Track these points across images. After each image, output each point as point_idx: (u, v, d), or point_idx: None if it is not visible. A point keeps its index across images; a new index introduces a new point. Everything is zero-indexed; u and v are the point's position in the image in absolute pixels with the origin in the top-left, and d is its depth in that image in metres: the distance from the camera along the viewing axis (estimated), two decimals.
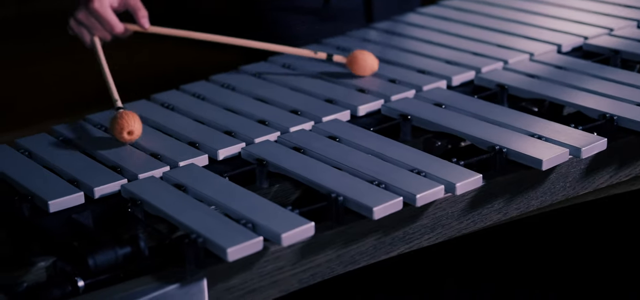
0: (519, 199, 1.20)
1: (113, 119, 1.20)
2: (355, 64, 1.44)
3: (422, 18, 1.75)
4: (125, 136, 1.19)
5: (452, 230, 1.16)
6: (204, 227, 0.99)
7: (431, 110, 1.32)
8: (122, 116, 1.19)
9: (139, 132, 1.20)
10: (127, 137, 1.19)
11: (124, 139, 1.19)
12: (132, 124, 1.19)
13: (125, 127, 1.18)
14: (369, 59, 1.44)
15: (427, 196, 1.07)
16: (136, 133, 1.19)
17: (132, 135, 1.19)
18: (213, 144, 1.21)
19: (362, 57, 1.44)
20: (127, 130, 1.19)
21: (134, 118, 1.20)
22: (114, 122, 1.19)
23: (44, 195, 1.07)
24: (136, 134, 1.20)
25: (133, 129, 1.19)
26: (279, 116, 1.30)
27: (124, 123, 1.19)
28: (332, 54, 1.47)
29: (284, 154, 1.18)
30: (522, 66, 1.48)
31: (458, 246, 1.44)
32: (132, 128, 1.19)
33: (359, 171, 1.12)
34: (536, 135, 1.22)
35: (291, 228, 0.99)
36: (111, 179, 1.11)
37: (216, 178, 1.12)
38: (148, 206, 1.06)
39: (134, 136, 1.20)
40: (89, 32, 1.42)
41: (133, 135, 1.19)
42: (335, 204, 1.06)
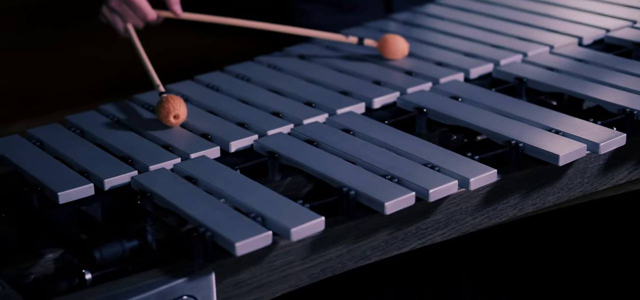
0: (535, 194, 1.18)
1: (159, 103, 1.21)
2: (386, 47, 1.45)
3: (441, 9, 1.73)
4: (172, 120, 1.20)
5: (466, 225, 1.14)
6: (212, 221, 0.98)
7: (447, 104, 1.30)
8: (167, 100, 1.20)
9: (185, 115, 1.21)
10: (174, 121, 1.21)
11: (170, 123, 1.21)
12: (178, 108, 1.20)
13: (172, 110, 1.20)
14: (400, 42, 1.45)
15: (440, 191, 1.06)
16: (182, 117, 1.21)
17: (178, 119, 1.21)
18: (225, 135, 1.20)
19: (393, 41, 1.45)
20: (173, 114, 1.20)
21: (180, 102, 1.21)
22: (160, 106, 1.21)
23: (53, 186, 1.06)
24: (182, 117, 1.21)
25: (179, 113, 1.20)
26: (292, 108, 1.29)
27: (170, 107, 1.20)
28: (363, 37, 1.47)
29: (296, 147, 1.17)
30: (542, 59, 1.45)
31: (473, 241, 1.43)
32: (178, 112, 1.20)
33: (371, 165, 1.11)
34: (553, 129, 1.19)
35: (301, 223, 0.98)
36: (122, 170, 1.10)
37: (227, 170, 1.11)
38: (158, 198, 1.05)
39: (180, 120, 1.21)
40: (122, 19, 1.43)
41: (179, 118, 1.21)
42: (347, 198, 1.04)
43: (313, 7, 1.72)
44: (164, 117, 1.21)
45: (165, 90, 1.26)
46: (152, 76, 1.29)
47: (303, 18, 1.72)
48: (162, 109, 1.20)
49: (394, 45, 1.45)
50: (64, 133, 1.23)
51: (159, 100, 1.22)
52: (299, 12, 1.73)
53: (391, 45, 1.45)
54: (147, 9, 1.41)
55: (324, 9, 1.72)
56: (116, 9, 1.42)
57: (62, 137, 1.21)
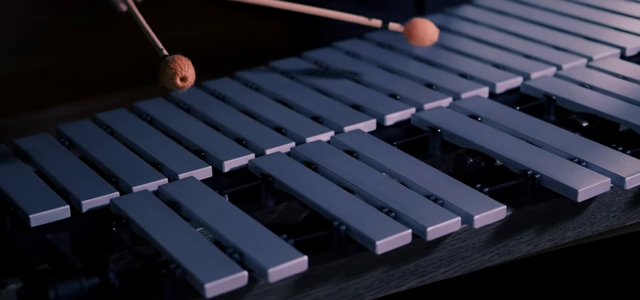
0: (553, 229, 1.08)
1: (163, 65, 1.06)
2: (413, 32, 1.32)
3: (477, 12, 1.62)
4: (178, 83, 1.05)
5: (474, 262, 1.05)
6: (186, 256, 0.90)
7: (465, 123, 1.20)
8: (174, 60, 1.05)
9: (193, 78, 1.06)
10: (180, 84, 1.05)
11: (176, 87, 1.06)
12: (186, 69, 1.05)
13: (178, 71, 1.05)
14: (429, 28, 1.32)
15: (439, 229, 0.97)
16: (190, 79, 1.06)
17: (186, 82, 1.06)
18: (220, 153, 1.12)
19: (422, 26, 1.32)
20: (180, 75, 1.05)
21: (188, 63, 1.06)
22: (165, 67, 1.05)
23: (26, 207, 1.00)
24: (190, 80, 1.06)
25: (187, 74, 1.05)
26: (298, 123, 1.20)
27: (176, 67, 1.05)
28: (388, 21, 1.35)
29: (293, 170, 1.08)
30: (577, 73, 1.34)
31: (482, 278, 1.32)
32: (186, 73, 1.05)
33: (370, 195, 1.02)
34: (576, 159, 1.09)
35: (281, 262, 0.90)
36: (103, 190, 1.04)
37: (214, 196, 1.03)
38: (134, 225, 0.98)
39: (187, 83, 1.06)
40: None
41: (186, 81, 1.06)
42: (337, 233, 0.96)
43: (341, 5, 1.63)
44: (169, 79, 1.05)
45: (168, 55, 1.09)
46: (155, 41, 1.14)
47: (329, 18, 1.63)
48: (168, 70, 1.05)
49: (422, 30, 1.32)
50: (52, 144, 1.17)
51: (162, 62, 1.07)
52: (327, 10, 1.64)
53: (420, 30, 1.32)
54: None
55: (352, 7, 1.62)
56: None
57: (49, 150, 1.15)
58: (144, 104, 1.27)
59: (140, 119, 1.24)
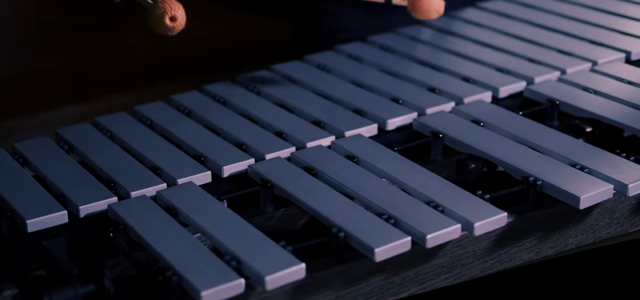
0: (554, 236, 1.07)
1: (151, 7, 1.02)
2: (417, 4, 1.27)
3: (480, 14, 1.61)
4: (167, 23, 1.02)
5: (475, 269, 1.04)
6: (182, 263, 0.90)
7: (467, 129, 1.19)
8: (163, 0, 1.01)
9: (183, 21, 1.02)
10: (170, 24, 1.02)
11: (165, 29, 1.02)
12: (176, 9, 1.01)
13: (168, 11, 1.01)
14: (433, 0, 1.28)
15: (439, 236, 0.96)
16: (179, 20, 1.02)
17: (175, 22, 1.02)
18: (219, 158, 1.11)
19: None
20: (169, 14, 1.01)
21: (178, 5, 1.02)
22: (153, 8, 1.01)
23: (23, 212, 0.99)
24: (180, 21, 1.02)
25: (176, 14, 1.02)
26: (299, 128, 1.19)
27: (165, 6, 1.01)
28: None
29: (292, 176, 1.08)
30: (581, 78, 1.33)
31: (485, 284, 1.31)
32: (175, 13, 1.01)
33: (369, 201, 1.01)
34: (578, 165, 1.08)
35: (279, 269, 0.89)
36: (101, 196, 1.03)
37: (212, 202, 1.02)
38: (132, 231, 0.97)
39: (177, 23, 1.02)
40: None
41: (176, 21, 1.02)
42: (336, 239, 0.95)
43: (340, 8, 1.62)
44: (158, 19, 1.01)
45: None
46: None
47: (330, 20, 1.63)
48: (156, 10, 1.00)
49: (427, 2, 1.27)
50: (50, 148, 1.16)
51: (150, 5, 1.02)
52: (327, 13, 1.64)
53: (424, 2, 1.26)
54: None
55: (353, 10, 1.62)
56: None
57: (48, 154, 1.14)
58: (144, 108, 1.27)
59: (141, 123, 1.23)
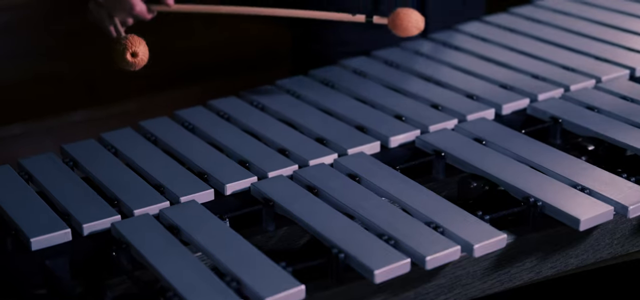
0: (555, 257, 1.07)
1: (115, 42, 1.06)
2: (397, 22, 1.31)
3: (483, 28, 1.62)
4: (129, 58, 1.06)
5: (475, 290, 1.04)
6: (183, 284, 0.91)
7: (469, 147, 1.19)
8: (126, 38, 1.06)
9: (145, 57, 1.07)
10: (131, 59, 1.06)
11: (127, 65, 1.06)
12: (137, 45, 1.06)
13: (129, 47, 1.06)
14: (413, 15, 1.31)
15: (439, 259, 0.96)
16: (141, 56, 1.06)
17: (136, 58, 1.06)
18: (222, 176, 1.12)
19: (405, 15, 1.31)
20: (130, 50, 1.06)
21: (140, 40, 1.06)
22: (116, 45, 1.06)
23: (27, 230, 1.00)
24: (140, 57, 1.06)
25: (137, 50, 1.06)
26: (302, 145, 1.20)
27: (127, 43, 1.06)
28: (372, 16, 1.34)
29: (294, 195, 1.08)
30: (584, 95, 1.33)
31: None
32: (136, 49, 1.06)
33: (370, 221, 1.02)
34: (579, 186, 1.08)
35: (278, 291, 0.90)
36: (105, 214, 1.04)
37: (214, 221, 1.03)
38: (134, 250, 0.98)
39: (138, 59, 1.07)
40: (109, 14, 1.30)
41: (137, 57, 1.06)
42: (336, 261, 0.96)
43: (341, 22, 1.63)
44: (120, 56, 1.05)
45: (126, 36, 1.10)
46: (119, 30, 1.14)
47: (330, 35, 1.63)
48: (118, 46, 1.05)
49: (406, 19, 1.30)
50: (55, 165, 1.17)
51: (114, 41, 1.06)
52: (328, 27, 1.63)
53: (403, 19, 1.30)
54: (135, 0, 1.27)
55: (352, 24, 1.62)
56: (103, 3, 1.30)
57: (52, 170, 1.15)
58: (149, 123, 1.28)
59: (145, 139, 1.24)
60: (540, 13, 1.67)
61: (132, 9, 1.28)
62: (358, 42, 1.57)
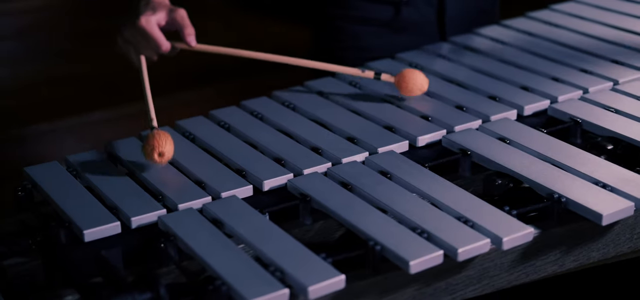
0: (578, 250, 1.13)
1: (145, 138, 1.16)
2: (403, 83, 1.37)
3: (501, 31, 1.67)
4: (156, 158, 1.15)
5: (502, 281, 1.10)
6: (230, 273, 0.96)
7: (494, 146, 1.25)
8: (154, 136, 1.15)
9: (170, 153, 1.16)
10: (158, 159, 1.15)
11: (154, 161, 1.15)
12: (163, 145, 1.14)
13: (156, 147, 1.15)
14: (418, 78, 1.37)
15: (470, 251, 1.02)
16: (167, 155, 1.15)
17: (163, 158, 1.16)
18: (260, 172, 1.18)
19: (410, 77, 1.37)
20: (158, 151, 1.15)
21: (166, 139, 1.16)
22: (145, 142, 1.16)
23: (80, 223, 1.06)
24: (167, 156, 1.15)
25: (164, 151, 1.15)
26: (334, 144, 1.26)
27: (155, 143, 1.15)
28: (381, 71, 1.41)
29: (329, 191, 1.14)
30: (602, 97, 1.39)
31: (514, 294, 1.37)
32: (163, 149, 1.15)
33: (403, 216, 1.07)
34: (601, 183, 1.14)
35: (320, 280, 0.95)
36: (151, 208, 1.10)
37: (255, 215, 1.09)
38: (181, 242, 1.04)
39: (164, 158, 1.16)
40: (136, 50, 1.38)
41: (163, 157, 1.15)
42: (373, 253, 1.01)
43: (363, 28, 1.68)
44: (147, 153, 1.16)
45: (157, 127, 1.21)
46: (150, 111, 1.25)
47: (354, 40, 1.68)
48: (146, 145, 1.15)
49: (411, 81, 1.37)
50: (100, 162, 1.23)
51: (145, 136, 1.17)
52: (349, 34, 1.69)
53: (408, 81, 1.37)
54: (161, 40, 1.36)
55: (375, 30, 1.68)
56: (130, 40, 1.38)
57: (98, 167, 1.21)
58: (186, 123, 1.34)
59: (183, 138, 1.30)
60: (557, 17, 1.73)
61: (159, 48, 1.37)
62: (380, 49, 1.63)
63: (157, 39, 1.35)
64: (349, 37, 1.68)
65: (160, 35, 1.36)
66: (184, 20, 1.38)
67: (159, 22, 1.37)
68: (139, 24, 1.35)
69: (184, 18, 1.38)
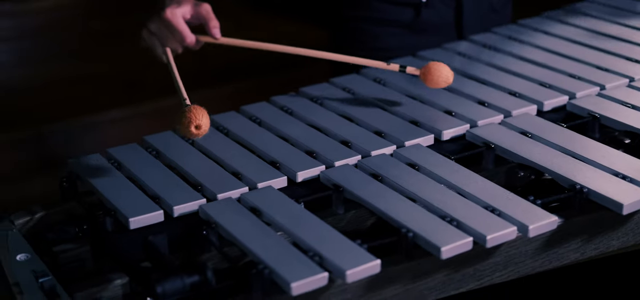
0: (598, 239, 1.18)
1: (180, 113, 1.17)
2: (428, 75, 1.39)
3: (519, 30, 1.72)
4: (193, 130, 1.16)
5: (526, 267, 1.15)
6: (271, 258, 1.01)
7: (516, 140, 1.30)
8: (190, 110, 1.16)
9: (207, 126, 1.16)
10: (195, 132, 1.16)
11: (191, 135, 1.16)
12: (200, 118, 1.15)
13: (193, 120, 1.15)
14: (443, 71, 1.39)
15: (498, 238, 1.07)
16: (204, 128, 1.16)
17: (200, 130, 1.16)
18: (293, 165, 1.23)
19: (436, 69, 1.39)
20: (194, 123, 1.15)
21: (202, 112, 1.16)
22: (181, 116, 1.16)
23: (125, 211, 1.11)
24: (204, 128, 1.16)
25: (201, 123, 1.15)
26: (362, 137, 1.31)
27: (191, 116, 1.15)
28: (405, 65, 1.44)
29: (361, 182, 1.19)
30: (619, 93, 1.44)
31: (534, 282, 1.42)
32: (200, 122, 1.15)
33: (432, 205, 1.13)
34: (620, 175, 1.19)
35: (357, 265, 1.01)
36: (191, 198, 1.15)
37: (291, 204, 1.14)
38: (222, 229, 1.09)
39: (201, 131, 1.16)
40: (161, 43, 1.43)
41: (200, 129, 1.16)
42: (405, 240, 1.07)
43: (383, 29, 1.73)
44: (184, 127, 1.15)
45: (190, 103, 1.21)
46: (181, 91, 1.26)
47: (374, 41, 1.73)
48: (183, 119, 1.15)
49: (437, 73, 1.39)
50: (140, 154, 1.28)
51: (179, 111, 1.17)
52: (370, 35, 1.74)
53: (434, 73, 1.39)
54: (186, 32, 1.41)
55: (395, 31, 1.73)
56: (156, 33, 1.43)
57: (139, 158, 1.26)
58: (220, 117, 1.39)
59: (217, 131, 1.35)
60: (572, 17, 1.78)
61: (183, 40, 1.42)
62: (401, 49, 1.68)
63: (182, 31, 1.40)
64: (369, 38, 1.73)
65: (185, 28, 1.41)
66: (209, 13, 1.43)
67: (184, 15, 1.42)
68: (164, 16, 1.41)
69: (208, 12, 1.43)
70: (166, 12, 1.40)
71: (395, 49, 1.70)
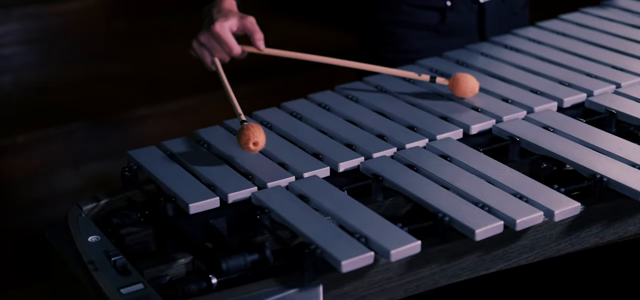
0: (617, 224, 1.28)
1: (239, 131, 1.31)
2: (456, 86, 1.51)
3: (537, 32, 1.82)
4: (251, 147, 1.30)
5: (551, 250, 1.25)
6: (322, 239, 1.12)
7: (539, 134, 1.40)
8: (248, 128, 1.30)
9: (263, 142, 1.30)
10: (253, 148, 1.30)
11: (249, 150, 1.30)
12: (258, 135, 1.29)
13: (251, 138, 1.29)
14: (470, 82, 1.51)
15: (526, 222, 1.17)
16: (261, 144, 1.30)
17: (257, 146, 1.30)
18: (335, 156, 1.33)
19: (464, 80, 1.51)
20: (252, 141, 1.29)
21: (259, 130, 1.30)
22: (241, 133, 1.30)
23: (185, 198, 1.22)
24: (261, 144, 1.30)
25: (258, 140, 1.29)
26: (396, 131, 1.41)
27: (250, 134, 1.29)
28: (435, 76, 1.56)
29: (398, 171, 1.30)
30: (635, 90, 1.54)
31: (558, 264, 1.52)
32: (257, 139, 1.29)
33: (465, 192, 1.23)
34: (637, 165, 1.29)
35: (400, 245, 1.11)
36: (243, 186, 1.25)
37: (336, 191, 1.24)
38: (274, 214, 1.20)
39: (258, 147, 1.30)
40: (210, 53, 1.54)
41: (258, 146, 1.30)
42: (442, 223, 1.17)
43: (411, 32, 1.83)
44: (243, 143, 1.30)
45: (246, 119, 1.35)
46: (235, 106, 1.39)
47: (401, 43, 1.83)
48: (242, 136, 1.30)
49: (464, 84, 1.51)
50: (193, 146, 1.39)
51: (240, 128, 1.31)
52: (397, 37, 1.84)
53: (462, 84, 1.51)
54: (233, 44, 1.53)
55: (421, 34, 1.83)
56: (205, 44, 1.54)
57: (192, 150, 1.37)
58: (263, 113, 1.49)
59: (264, 125, 1.45)
60: (588, 19, 1.88)
61: (231, 52, 1.54)
62: (428, 51, 1.78)
63: (230, 44, 1.52)
64: (397, 40, 1.83)
65: (232, 40, 1.53)
66: (254, 26, 1.54)
67: (231, 28, 1.53)
68: (213, 30, 1.52)
69: (253, 24, 1.54)
70: (215, 25, 1.51)
71: (422, 50, 1.80)
